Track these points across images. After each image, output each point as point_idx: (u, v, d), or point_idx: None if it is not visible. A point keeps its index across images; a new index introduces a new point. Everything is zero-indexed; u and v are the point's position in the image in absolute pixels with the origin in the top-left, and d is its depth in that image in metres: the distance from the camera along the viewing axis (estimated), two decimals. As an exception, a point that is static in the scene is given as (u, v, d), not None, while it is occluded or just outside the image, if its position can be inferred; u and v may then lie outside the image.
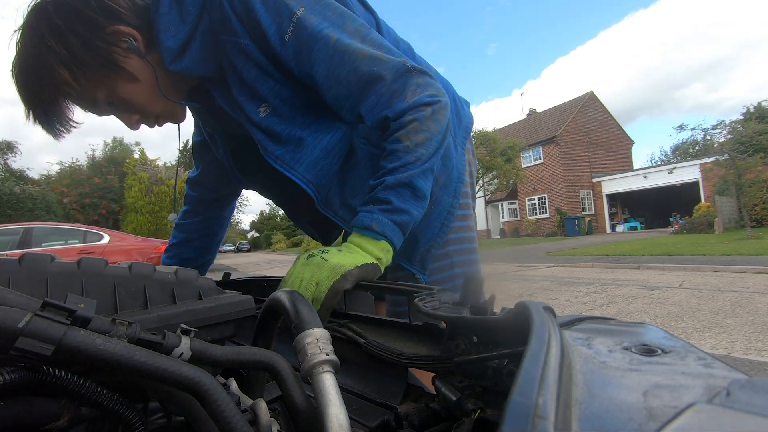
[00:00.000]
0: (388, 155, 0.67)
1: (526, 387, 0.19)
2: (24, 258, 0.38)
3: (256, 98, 0.76)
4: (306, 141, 0.77)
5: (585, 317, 0.36)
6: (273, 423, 0.35)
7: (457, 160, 0.92)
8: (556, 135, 24.41)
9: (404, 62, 0.69)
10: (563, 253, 11.57)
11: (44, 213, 13.69)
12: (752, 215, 15.79)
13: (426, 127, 0.67)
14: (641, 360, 0.25)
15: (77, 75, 0.71)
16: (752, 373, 2.58)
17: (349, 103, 0.72)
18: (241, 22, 0.70)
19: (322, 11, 0.70)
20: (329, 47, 0.68)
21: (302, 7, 0.69)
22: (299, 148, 0.77)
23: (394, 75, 0.68)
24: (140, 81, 0.76)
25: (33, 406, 0.28)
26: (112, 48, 0.72)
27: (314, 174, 0.78)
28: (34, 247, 6.37)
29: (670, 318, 3.98)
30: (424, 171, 0.66)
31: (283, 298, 0.39)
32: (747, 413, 0.16)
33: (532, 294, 5.88)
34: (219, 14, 0.71)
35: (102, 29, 0.70)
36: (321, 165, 0.78)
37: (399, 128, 0.67)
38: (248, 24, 0.70)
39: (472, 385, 0.36)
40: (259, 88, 0.75)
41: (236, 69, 0.73)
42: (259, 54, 0.72)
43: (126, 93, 0.76)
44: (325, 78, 0.70)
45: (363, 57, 0.68)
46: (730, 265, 6.86)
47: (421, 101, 0.67)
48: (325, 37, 0.68)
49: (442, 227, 0.88)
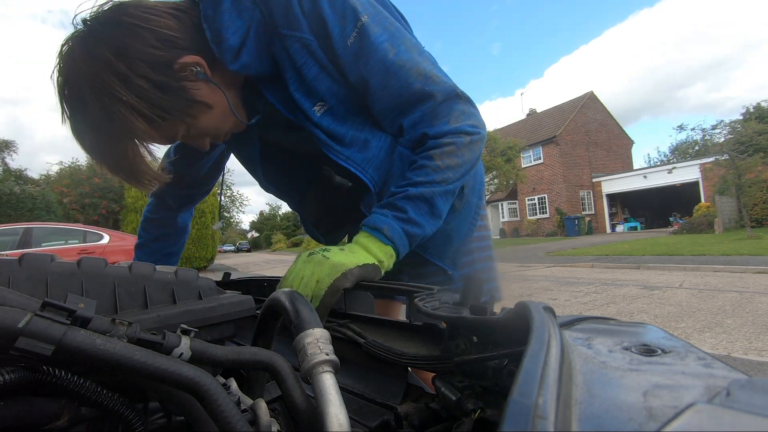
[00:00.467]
0: (416, 168, 0.69)
1: (526, 387, 0.19)
2: (24, 258, 0.38)
3: (313, 96, 0.74)
4: (371, 143, 0.78)
5: (585, 317, 0.36)
6: (273, 423, 0.35)
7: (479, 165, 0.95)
8: (556, 135, 24.41)
9: (454, 87, 0.71)
10: (563, 253, 11.57)
11: (44, 213, 13.68)
12: (752, 215, 15.79)
13: (461, 154, 0.69)
14: (641, 360, 0.25)
15: (155, 121, 0.66)
16: (752, 373, 2.58)
17: (394, 114, 0.73)
18: (306, 18, 0.69)
19: (383, 22, 0.71)
20: (387, 59, 0.69)
21: (366, 14, 0.69)
22: (366, 149, 0.77)
23: (444, 97, 0.70)
24: (213, 107, 0.73)
25: (33, 406, 0.28)
26: (185, 83, 0.66)
27: (379, 175, 0.79)
28: (34, 247, 6.38)
29: (670, 318, 3.98)
30: (446, 192, 0.68)
31: (283, 298, 0.39)
32: (747, 413, 0.16)
33: (532, 294, 5.88)
34: (284, 8, 0.68)
35: (169, 66, 0.64)
36: (384, 166, 0.79)
37: (435, 147, 0.69)
38: (314, 21, 0.69)
39: (472, 385, 0.36)
40: (318, 86, 0.73)
41: (296, 65, 0.71)
42: (321, 52, 0.71)
43: (203, 122, 0.73)
44: (378, 87, 0.71)
45: (417, 74, 0.70)
46: (730, 265, 6.86)
47: (462, 129, 0.70)
48: (385, 47, 0.69)
49: (470, 227, 0.91)
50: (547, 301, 0.79)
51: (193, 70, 0.67)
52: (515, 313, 0.31)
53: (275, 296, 0.40)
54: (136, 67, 0.61)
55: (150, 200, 1.14)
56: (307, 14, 0.69)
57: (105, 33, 0.62)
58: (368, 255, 0.62)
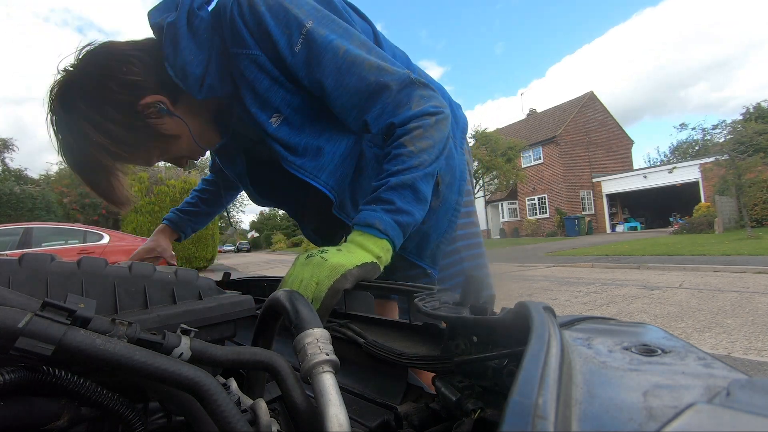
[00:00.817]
0: (391, 159, 0.69)
1: (526, 387, 0.19)
2: (24, 258, 0.38)
3: (268, 108, 0.78)
4: (325, 149, 0.80)
5: (585, 317, 0.36)
6: (273, 423, 0.35)
7: (459, 160, 0.96)
8: (556, 135, 24.41)
9: (409, 74, 0.72)
10: (563, 253, 11.57)
11: (44, 213, 13.69)
12: (752, 215, 15.79)
13: (429, 135, 0.69)
14: (641, 360, 0.25)
15: (125, 156, 0.76)
16: (752, 373, 2.58)
17: (356, 111, 0.74)
18: (251, 34, 0.72)
19: (329, 24, 0.73)
20: (338, 57, 0.70)
21: (311, 20, 0.71)
22: (319, 156, 0.80)
23: (400, 85, 0.71)
24: (180, 136, 0.81)
25: (33, 406, 0.28)
26: (149, 120, 0.75)
27: (335, 180, 0.81)
28: (34, 247, 6.37)
29: (670, 318, 3.98)
30: (426, 175, 0.68)
31: (282, 298, 0.39)
32: (747, 413, 0.16)
33: (532, 294, 5.88)
34: (230, 29, 0.73)
35: (133, 107, 0.73)
36: (340, 171, 0.82)
37: (404, 134, 0.69)
38: (259, 36, 0.72)
39: (472, 385, 0.36)
40: (271, 98, 0.76)
41: (248, 81, 0.75)
42: (270, 64, 0.74)
43: (172, 150, 0.83)
44: (334, 87, 0.72)
45: (370, 67, 0.71)
46: (730, 265, 6.85)
47: (425, 111, 0.70)
48: (334, 47, 0.70)
49: (450, 223, 0.92)
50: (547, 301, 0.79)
51: (155, 108, 0.75)
52: (515, 313, 0.31)
53: (275, 296, 0.40)
54: (104, 111, 0.71)
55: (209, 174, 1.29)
56: (252, 31, 0.72)
57: (78, 83, 0.71)
58: (366, 253, 0.62)
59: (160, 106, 0.75)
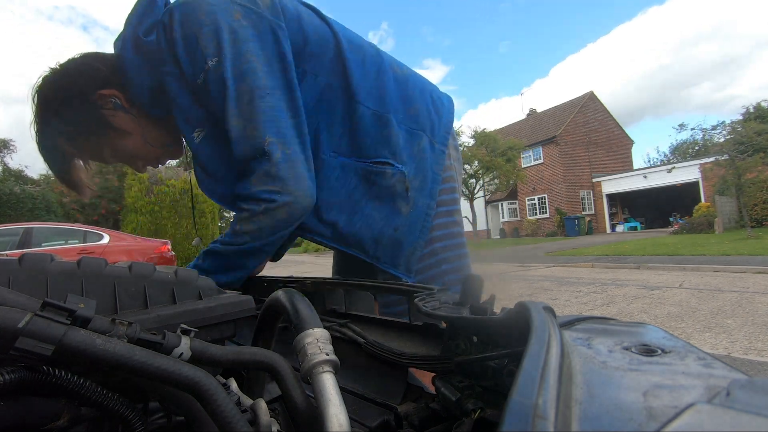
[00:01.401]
0: (231, 224, 0.78)
1: (526, 387, 0.19)
2: (24, 258, 0.38)
3: (191, 123, 0.82)
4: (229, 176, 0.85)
5: (585, 317, 0.36)
6: (273, 423, 0.35)
7: (433, 161, 0.92)
8: (556, 135, 24.40)
9: (264, 144, 0.73)
10: (563, 253, 11.57)
11: (44, 213, 13.68)
12: (752, 215, 15.78)
13: (256, 221, 0.75)
14: (641, 360, 0.25)
15: (80, 143, 0.84)
16: (752, 373, 2.58)
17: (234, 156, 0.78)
18: (170, 54, 0.77)
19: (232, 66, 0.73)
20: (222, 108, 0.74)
21: (216, 58, 0.73)
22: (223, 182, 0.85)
23: (251, 155, 0.74)
24: (132, 134, 0.87)
25: (33, 406, 0.28)
26: (102, 111, 0.82)
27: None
28: (34, 247, 6.37)
29: (670, 318, 3.98)
30: (243, 252, 0.77)
31: (282, 298, 0.39)
32: (747, 413, 0.16)
33: (532, 294, 5.88)
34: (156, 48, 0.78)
35: (88, 96, 0.81)
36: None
37: (238, 209, 0.77)
38: (172, 58, 0.77)
39: (472, 385, 0.36)
40: (193, 114, 0.81)
41: (173, 96, 0.80)
42: (188, 83, 0.78)
43: (124, 147, 0.88)
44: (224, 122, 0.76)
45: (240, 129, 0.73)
46: (730, 265, 6.85)
47: (257, 195, 0.74)
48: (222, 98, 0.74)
49: (422, 229, 0.91)
50: (547, 301, 0.79)
51: (111, 101, 0.83)
52: (515, 313, 0.31)
53: (275, 296, 0.40)
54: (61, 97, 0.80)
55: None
56: (169, 52, 0.77)
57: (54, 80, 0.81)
58: None
59: (115, 101, 0.83)
